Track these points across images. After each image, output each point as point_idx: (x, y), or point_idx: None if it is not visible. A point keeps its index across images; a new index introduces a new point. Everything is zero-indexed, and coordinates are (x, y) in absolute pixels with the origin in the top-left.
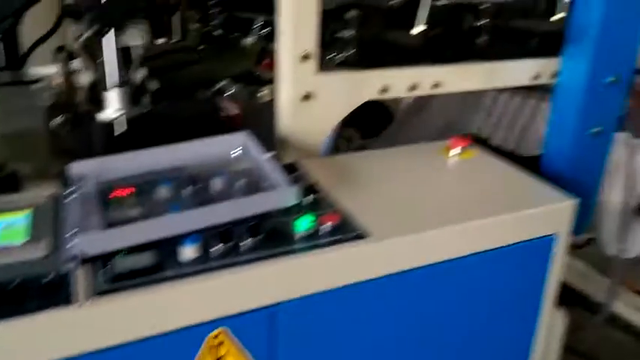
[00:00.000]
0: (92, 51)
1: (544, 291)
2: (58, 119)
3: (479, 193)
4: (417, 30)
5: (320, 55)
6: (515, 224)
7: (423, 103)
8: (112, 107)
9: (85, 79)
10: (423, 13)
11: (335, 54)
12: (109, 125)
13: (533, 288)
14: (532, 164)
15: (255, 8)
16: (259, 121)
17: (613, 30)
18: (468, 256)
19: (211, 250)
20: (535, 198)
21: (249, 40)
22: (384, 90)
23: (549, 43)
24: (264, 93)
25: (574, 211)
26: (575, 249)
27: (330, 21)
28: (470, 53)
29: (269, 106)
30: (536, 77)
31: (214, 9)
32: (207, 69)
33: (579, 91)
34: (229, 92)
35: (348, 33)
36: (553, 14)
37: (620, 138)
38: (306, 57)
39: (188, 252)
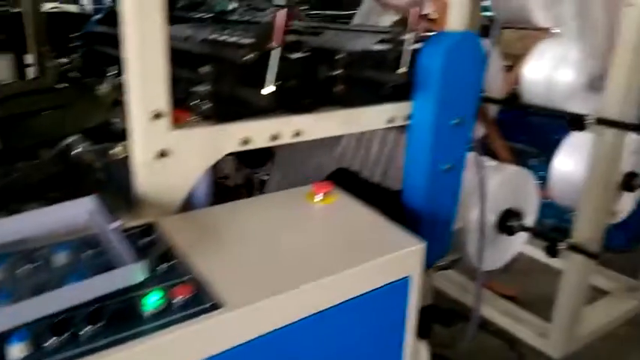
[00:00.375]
0: None
1: (404, 327)
2: None
3: (337, 244)
4: (267, 91)
5: (173, 111)
6: (371, 273)
7: None
8: None
9: None
10: (271, 74)
11: (191, 109)
12: None
13: (394, 327)
14: (397, 197)
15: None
16: (116, 179)
17: (453, 78)
18: (326, 309)
19: (44, 344)
20: (389, 244)
21: (104, 88)
22: (245, 142)
23: (401, 90)
24: (117, 150)
25: (424, 252)
26: (441, 270)
27: (184, 76)
28: (327, 101)
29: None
30: (391, 120)
31: (76, 42)
32: (60, 118)
33: (428, 133)
34: (80, 149)
35: (203, 88)
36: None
37: (470, 158)
38: (157, 115)
39: (15, 351)
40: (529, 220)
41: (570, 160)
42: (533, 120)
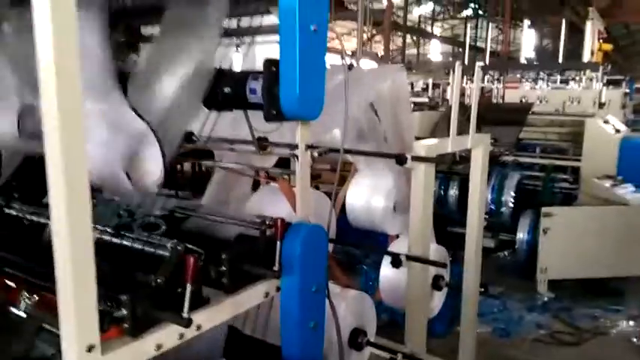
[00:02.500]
0: None
1: None
2: None
3: None
4: (185, 314)
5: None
6: None
7: None
8: None
9: None
10: (187, 304)
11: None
12: None
13: None
14: (277, 353)
15: None
16: None
17: (308, 259)
18: None
19: None
20: None
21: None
22: (159, 347)
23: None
24: None
25: None
26: None
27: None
28: (217, 294)
29: None
30: (266, 295)
31: None
32: None
33: (296, 299)
34: None
35: (122, 312)
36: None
37: None
38: (91, 348)
39: None
40: (371, 333)
41: (393, 271)
42: None
